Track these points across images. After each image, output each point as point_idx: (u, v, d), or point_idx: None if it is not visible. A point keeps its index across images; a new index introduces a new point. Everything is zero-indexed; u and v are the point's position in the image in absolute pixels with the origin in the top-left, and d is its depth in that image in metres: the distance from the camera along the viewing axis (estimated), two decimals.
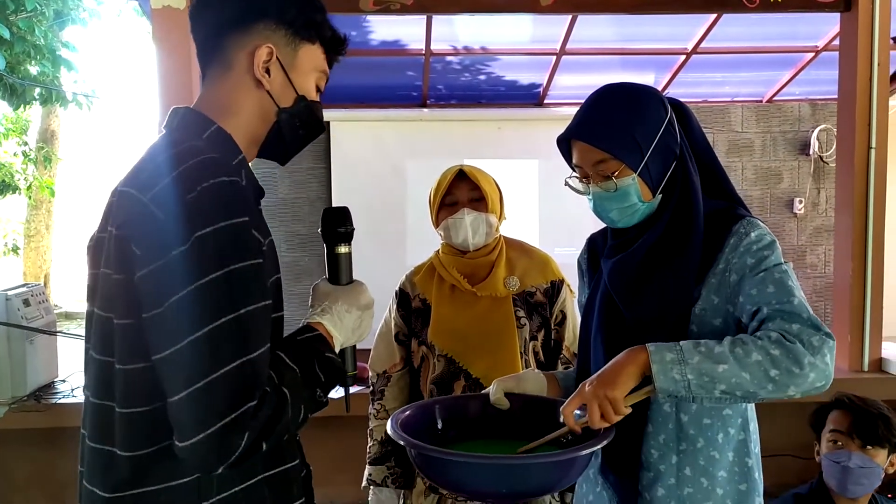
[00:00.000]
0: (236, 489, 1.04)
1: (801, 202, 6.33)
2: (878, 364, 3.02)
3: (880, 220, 3.00)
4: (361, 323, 1.17)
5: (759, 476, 1.34)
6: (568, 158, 1.37)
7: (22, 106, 6.47)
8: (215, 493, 1.03)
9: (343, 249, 1.21)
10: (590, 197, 1.34)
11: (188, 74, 2.91)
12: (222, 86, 1.13)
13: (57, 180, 10.23)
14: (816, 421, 2.16)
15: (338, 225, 1.21)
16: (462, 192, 1.92)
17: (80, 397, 2.93)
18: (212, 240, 0.94)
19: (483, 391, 1.43)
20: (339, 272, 1.21)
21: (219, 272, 0.94)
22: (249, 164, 1.15)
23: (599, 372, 1.20)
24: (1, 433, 2.87)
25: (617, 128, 1.27)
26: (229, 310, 0.94)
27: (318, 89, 1.21)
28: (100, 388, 1.05)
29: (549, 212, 5.42)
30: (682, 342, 1.18)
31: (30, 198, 9.69)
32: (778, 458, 2.74)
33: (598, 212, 1.35)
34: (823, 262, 6.37)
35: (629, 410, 1.17)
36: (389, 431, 1.22)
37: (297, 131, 1.18)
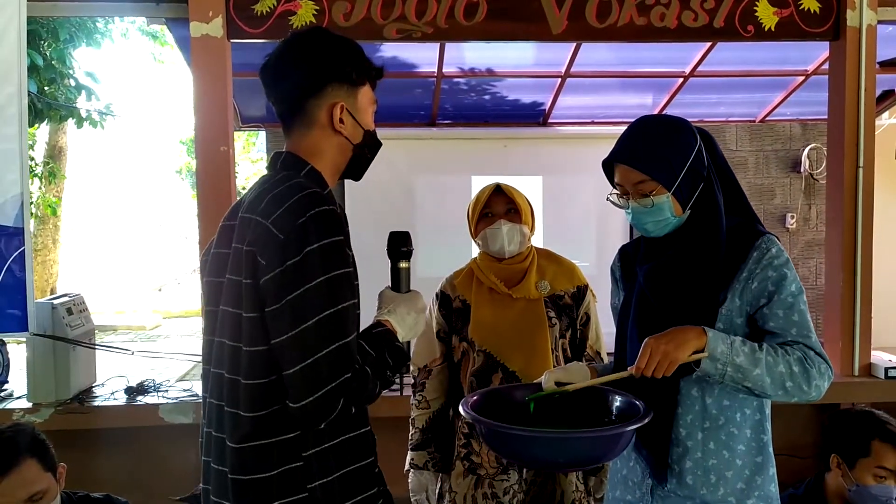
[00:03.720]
0: (327, 444, 1.33)
1: (792, 217, 6.55)
2: (868, 369, 3.16)
3: (868, 235, 3.13)
4: (417, 323, 1.48)
5: (772, 451, 1.56)
6: (610, 178, 1.58)
7: (37, 123, 6.65)
8: (312, 446, 1.31)
9: (404, 265, 1.51)
10: (628, 211, 1.55)
11: (224, 98, 3.07)
12: (308, 137, 1.44)
13: (64, 195, 10.34)
14: (848, 439, 2.22)
15: (401, 245, 1.50)
16: (499, 206, 2.12)
17: (120, 401, 3.08)
18: (318, 253, 1.24)
19: (535, 381, 1.64)
20: (399, 283, 1.50)
21: (322, 277, 1.24)
22: (331, 188, 1.45)
23: (667, 333, 1.42)
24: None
25: (655, 154, 1.49)
26: (330, 305, 1.24)
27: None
28: (231, 367, 1.35)
29: (552, 225, 5.57)
30: (734, 337, 1.43)
31: (35, 214, 9.78)
32: (777, 458, 2.93)
33: (636, 223, 1.56)
34: (815, 274, 6.57)
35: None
36: (462, 412, 1.43)
37: (367, 156, 1.52)
